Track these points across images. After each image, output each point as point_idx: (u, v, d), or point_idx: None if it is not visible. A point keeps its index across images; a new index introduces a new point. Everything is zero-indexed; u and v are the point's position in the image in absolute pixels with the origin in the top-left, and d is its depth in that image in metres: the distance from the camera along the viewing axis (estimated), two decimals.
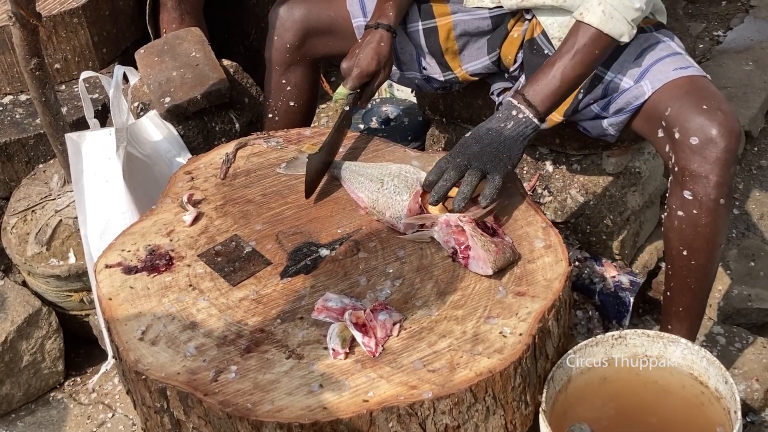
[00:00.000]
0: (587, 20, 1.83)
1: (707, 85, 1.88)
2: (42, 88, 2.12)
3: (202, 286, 1.74)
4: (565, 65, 1.83)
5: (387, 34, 2.05)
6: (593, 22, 1.82)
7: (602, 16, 1.82)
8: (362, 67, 2.02)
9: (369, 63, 2.02)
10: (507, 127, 1.82)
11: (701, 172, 1.78)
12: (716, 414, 1.68)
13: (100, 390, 2.38)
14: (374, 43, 2.03)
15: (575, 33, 1.85)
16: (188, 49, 2.50)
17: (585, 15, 1.83)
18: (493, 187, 1.77)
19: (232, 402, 1.51)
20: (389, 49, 2.04)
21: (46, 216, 2.35)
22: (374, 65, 2.02)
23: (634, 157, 2.35)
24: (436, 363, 1.55)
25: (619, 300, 2.19)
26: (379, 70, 2.03)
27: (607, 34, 1.83)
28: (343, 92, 2.03)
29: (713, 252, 1.87)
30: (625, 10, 1.82)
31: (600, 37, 1.83)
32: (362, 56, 2.02)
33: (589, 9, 1.83)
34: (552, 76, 1.84)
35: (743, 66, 3.17)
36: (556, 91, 1.84)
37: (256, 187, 1.97)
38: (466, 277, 1.70)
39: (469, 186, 1.77)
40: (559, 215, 2.34)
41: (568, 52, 1.84)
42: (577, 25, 1.85)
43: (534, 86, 1.84)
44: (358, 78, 2.02)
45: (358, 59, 2.03)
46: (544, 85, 1.84)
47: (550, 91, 1.83)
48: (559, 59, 1.84)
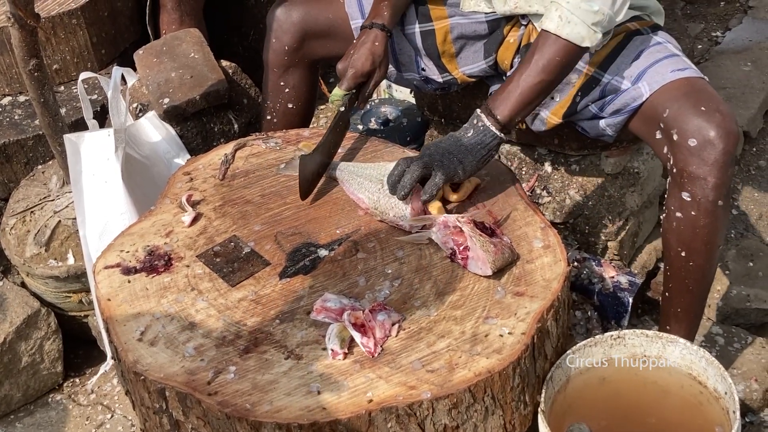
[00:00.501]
0: (545, 26, 1.82)
1: (705, 86, 1.88)
2: (41, 89, 2.12)
3: (200, 287, 1.74)
4: (526, 74, 1.83)
5: (381, 33, 2.05)
6: (550, 28, 1.81)
7: (559, 21, 1.80)
8: (357, 68, 2.02)
9: (364, 63, 2.02)
10: (467, 135, 1.84)
11: (699, 174, 1.78)
12: (715, 414, 1.68)
13: (99, 391, 2.38)
14: (369, 43, 2.03)
15: (537, 41, 1.85)
16: (187, 50, 2.50)
17: (544, 22, 1.83)
18: (432, 185, 1.79)
19: (230, 402, 1.51)
20: (384, 49, 2.04)
21: (44, 217, 2.35)
22: (369, 65, 2.02)
23: (633, 158, 2.36)
24: (434, 363, 1.55)
25: (618, 300, 2.19)
26: (374, 70, 2.03)
27: (566, 39, 1.81)
28: (338, 93, 2.03)
29: (712, 253, 1.87)
30: (583, 14, 1.80)
31: (559, 43, 1.81)
32: (357, 56, 2.02)
33: (548, 16, 1.83)
34: (514, 86, 1.83)
35: (742, 66, 3.17)
36: (517, 100, 1.83)
37: (255, 187, 1.97)
38: (464, 278, 1.70)
39: (409, 175, 1.78)
40: (557, 215, 2.34)
41: (529, 61, 1.83)
42: (540, 34, 1.85)
43: (497, 96, 1.85)
44: (353, 78, 2.02)
45: (352, 60, 2.03)
46: (506, 95, 1.84)
47: (511, 101, 1.83)
48: (521, 68, 1.84)
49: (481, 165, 1.84)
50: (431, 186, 1.79)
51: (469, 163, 1.82)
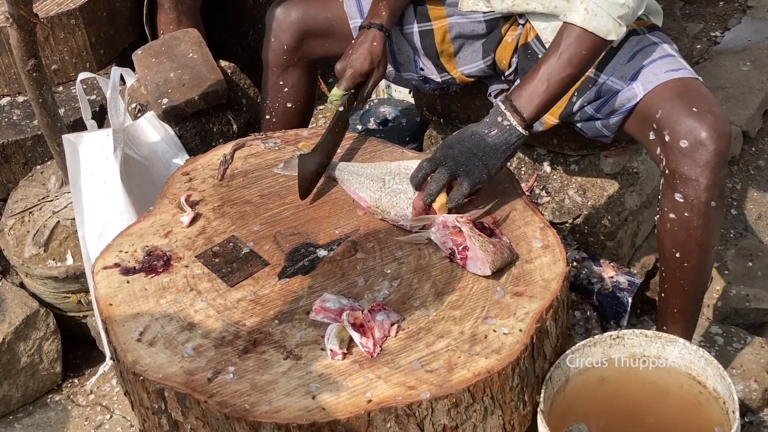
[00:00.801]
0: (570, 20, 1.79)
1: (698, 87, 1.87)
2: (39, 90, 2.12)
3: (199, 287, 1.73)
4: (552, 68, 1.79)
5: (380, 33, 2.05)
6: (576, 21, 1.78)
7: (585, 14, 1.78)
8: (355, 68, 2.02)
9: (362, 63, 2.02)
10: (491, 134, 1.79)
11: (691, 175, 1.77)
12: (714, 414, 1.68)
13: (98, 391, 2.38)
14: (367, 43, 2.03)
15: (561, 34, 1.81)
16: (186, 50, 2.50)
17: (569, 15, 1.80)
18: (459, 193, 1.77)
19: (229, 403, 1.51)
20: (382, 49, 2.04)
21: (43, 217, 2.35)
22: (367, 65, 2.02)
23: (632, 158, 2.36)
24: (434, 363, 1.54)
25: (617, 300, 2.19)
26: (372, 70, 2.03)
27: (593, 33, 1.78)
28: (337, 93, 2.03)
29: (706, 254, 1.86)
30: (609, 7, 1.77)
31: (585, 37, 1.79)
32: (355, 57, 2.02)
33: (573, 9, 1.80)
34: (539, 80, 1.79)
35: (741, 66, 3.17)
36: (543, 95, 1.79)
37: (254, 188, 1.97)
38: (463, 278, 1.70)
39: (435, 184, 1.77)
40: (556, 216, 2.34)
41: (554, 54, 1.80)
42: (563, 27, 1.82)
43: (521, 91, 1.80)
44: (352, 78, 2.02)
45: (351, 60, 2.02)
46: (532, 90, 1.79)
47: (537, 96, 1.79)
48: (546, 62, 1.80)
49: (504, 166, 1.82)
50: (458, 195, 1.77)
51: (493, 165, 1.79)
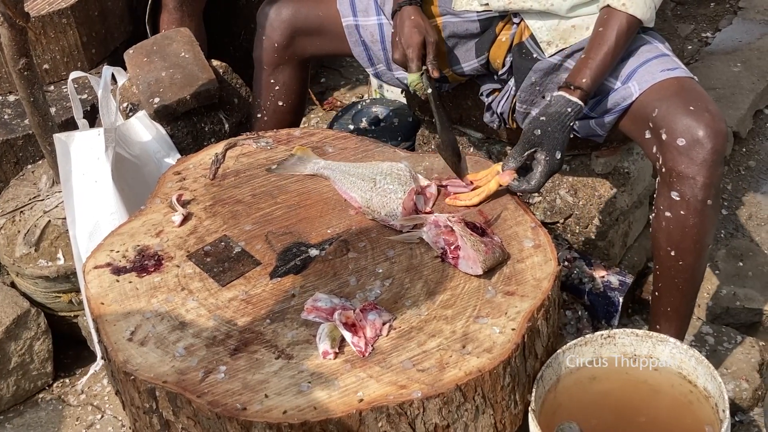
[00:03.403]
0: (632, 11, 1.87)
1: (694, 86, 1.89)
2: (30, 89, 2.12)
3: (191, 287, 1.73)
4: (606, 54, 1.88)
5: (412, 7, 2.05)
6: (637, 13, 1.88)
7: (644, 6, 1.88)
8: (412, 45, 2.01)
9: (414, 38, 2.01)
10: (548, 110, 1.87)
11: (688, 173, 1.78)
12: (705, 413, 1.68)
13: (89, 391, 2.38)
14: (407, 20, 2.03)
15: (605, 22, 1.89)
16: (177, 50, 2.50)
17: (629, 7, 1.87)
18: (548, 165, 1.84)
19: (221, 402, 1.50)
20: (421, 17, 2.04)
21: (34, 217, 2.34)
22: (418, 36, 2.01)
23: (623, 158, 2.36)
24: (425, 362, 1.55)
25: (609, 300, 2.20)
26: (424, 38, 2.02)
27: (641, 20, 1.89)
28: (414, 78, 2.03)
29: (701, 252, 1.87)
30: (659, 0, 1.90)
31: (637, 25, 1.90)
32: (405, 37, 2.02)
33: (632, 0, 1.86)
34: (585, 57, 1.89)
35: (731, 67, 3.18)
36: (588, 62, 1.88)
37: (246, 187, 1.97)
38: (455, 277, 1.71)
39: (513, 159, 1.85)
40: (548, 215, 2.35)
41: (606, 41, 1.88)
42: (604, 12, 1.89)
43: (583, 77, 1.88)
44: (416, 55, 2.01)
45: (402, 42, 2.02)
46: (579, 64, 1.89)
47: (584, 66, 1.88)
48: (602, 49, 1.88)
49: (567, 137, 1.87)
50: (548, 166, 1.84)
51: (558, 138, 1.85)
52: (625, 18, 1.87)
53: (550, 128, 1.83)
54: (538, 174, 1.83)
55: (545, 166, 1.83)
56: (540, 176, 1.83)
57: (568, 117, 1.85)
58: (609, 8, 1.89)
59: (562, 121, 1.84)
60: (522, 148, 1.84)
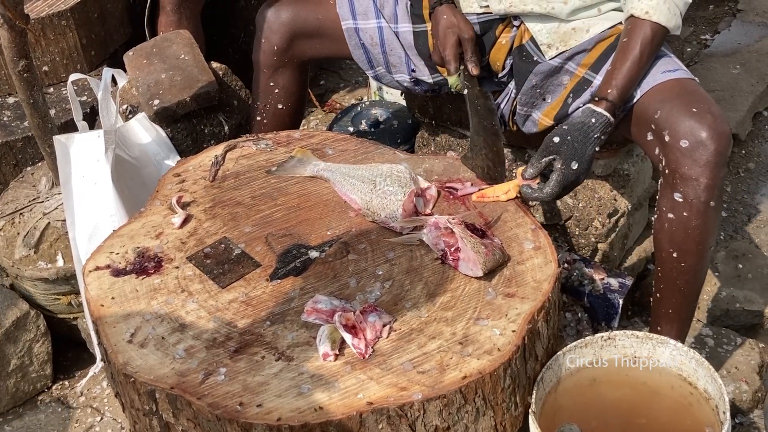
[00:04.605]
0: (636, 14, 1.86)
1: (696, 87, 1.89)
2: (30, 91, 2.12)
3: (191, 289, 1.73)
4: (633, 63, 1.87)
5: (444, 6, 2.06)
6: (639, 14, 1.86)
7: (668, 13, 1.86)
8: (446, 45, 2.02)
9: (449, 38, 2.02)
10: (574, 121, 1.86)
11: (691, 175, 1.78)
12: (705, 415, 1.68)
13: (89, 393, 2.37)
14: (442, 20, 2.04)
15: (631, 31, 1.87)
16: (177, 52, 2.50)
17: (653, 14, 1.85)
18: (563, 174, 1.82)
19: (221, 404, 1.50)
20: (455, 14, 2.04)
21: (34, 219, 2.34)
22: (452, 36, 2.02)
23: (623, 160, 2.36)
24: (425, 364, 1.54)
25: (608, 302, 2.20)
26: (458, 37, 2.03)
27: (666, 28, 1.87)
28: (453, 80, 2.04)
29: (703, 254, 1.87)
30: (684, 6, 1.88)
31: (663, 33, 1.88)
32: (441, 38, 2.03)
33: (655, 8, 1.85)
34: (629, 74, 1.87)
35: (731, 69, 3.18)
36: (619, 71, 1.87)
37: (246, 189, 1.97)
38: (455, 279, 1.70)
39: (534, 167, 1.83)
40: (548, 217, 2.35)
41: (632, 50, 1.86)
42: (629, 21, 1.88)
43: (614, 87, 1.87)
44: (452, 55, 2.02)
45: (439, 43, 2.04)
46: (608, 75, 1.88)
47: (613, 77, 1.87)
48: (630, 58, 1.87)
49: (595, 147, 1.86)
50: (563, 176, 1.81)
51: (584, 149, 1.83)
52: (650, 26, 1.85)
53: (570, 137, 1.82)
54: (552, 183, 1.81)
55: (559, 175, 1.80)
56: (554, 185, 1.80)
57: (591, 128, 1.83)
58: (633, 18, 1.88)
59: (585, 132, 1.82)
60: (540, 155, 1.83)
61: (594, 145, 1.83)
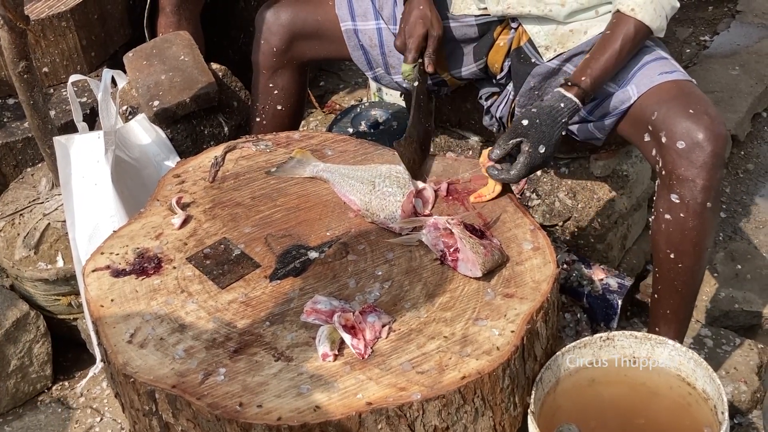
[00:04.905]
0: (640, 17, 1.86)
1: (693, 89, 1.89)
2: (30, 92, 2.12)
3: (190, 289, 1.73)
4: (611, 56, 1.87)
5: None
6: (626, 10, 1.87)
7: (653, 14, 1.86)
8: (414, 35, 2.02)
9: (417, 28, 2.02)
10: (543, 103, 1.87)
11: (688, 176, 1.79)
12: (703, 415, 1.69)
13: (89, 394, 2.38)
14: (414, 9, 2.04)
15: (615, 26, 1.88)
16: (177, 53, 2.50)
17: (638, 12, 1.86)
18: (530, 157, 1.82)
19: (220, 404, 1.51)
20: (430, 8, 2.04)
21: (34, 219, 2.34)
22: (421, 28, 2.02)
23: (622, 161, 2.37)
24: (424, 365, 1.55)
25: (607, 302, 2.20)
26: (427, 31, 2.03)
27: (649, 28, 1.88)
28: (407, 68, 2.04)
29: (700, 255, 1.88)
30: (671, 10, 1.89)
31: (646, 32, 1.89)
32: (409, 26, 2.03)
33: (642, 6, 1.85)
34: (590, 56, 1.88)
35: (730, 71, 3.19)
36: (591, 61, 1.87)
37: (245, 190, 1.97)
38: (454, 279, 1.71)
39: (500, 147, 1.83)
40: (547, 218, 2.35)
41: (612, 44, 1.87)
42: (615, 16, 1.88)
43: (576, 70, 1.88)
44: (414, 46, 2.02)
45: (406, 30, 2.03)
46: (584, 63, 1.89)
47: (587, 65, 1.88)
48: (608, 51, 1.87)
49: (561, 131, 1.86)
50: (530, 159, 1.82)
51: (551, 132, 1.84)
52: (633, 24, 1.87)
53: (538, 120, 1.82)
54: (519, 165, 1.81)
55: (527, 158, 1.81)
56: (520, 167, 1.81)
57: (559, 112, 1.84)
58: (619, 13, 1.89)
59: (553, 116, 1.83)
60: (507, 137, 1.83)
61: (561, 129, 1.84)
